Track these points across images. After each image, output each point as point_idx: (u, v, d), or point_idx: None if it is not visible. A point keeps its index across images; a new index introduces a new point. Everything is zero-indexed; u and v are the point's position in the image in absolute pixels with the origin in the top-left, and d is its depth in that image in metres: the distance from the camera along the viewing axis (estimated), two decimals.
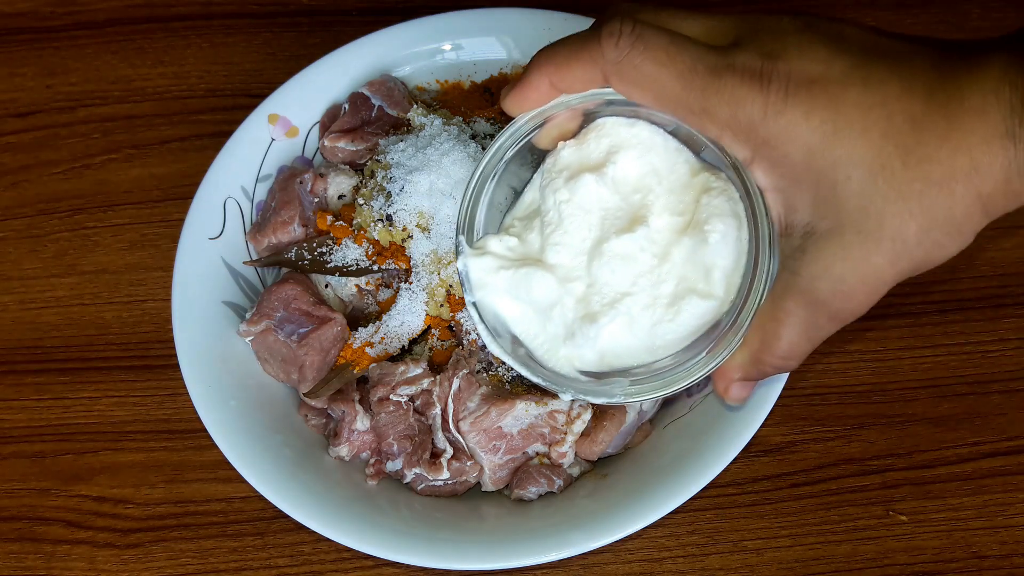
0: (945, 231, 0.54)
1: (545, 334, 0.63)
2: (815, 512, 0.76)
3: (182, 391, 0.74)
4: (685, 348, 0.61)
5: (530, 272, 0.62)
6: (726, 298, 0.60)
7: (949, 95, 0.52)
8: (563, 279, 0.62)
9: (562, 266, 0.62)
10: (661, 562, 0.75)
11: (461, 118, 0.82)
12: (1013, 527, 0.76)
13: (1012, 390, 0.80)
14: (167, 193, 0.89)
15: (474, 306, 0.63)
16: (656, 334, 0.61)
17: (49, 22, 0.97)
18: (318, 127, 0.84)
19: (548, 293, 0.62)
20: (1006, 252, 0.85)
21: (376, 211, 0.76)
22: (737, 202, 0.60)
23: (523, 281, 0.62)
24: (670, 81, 0.56)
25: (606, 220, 0.61)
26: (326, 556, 0.76)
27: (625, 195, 0.62)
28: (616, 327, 0.61)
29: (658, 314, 0.61)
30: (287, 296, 0.76)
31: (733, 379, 0.61)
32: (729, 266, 0.60)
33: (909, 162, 0.53)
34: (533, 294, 0.62)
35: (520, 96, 0.62)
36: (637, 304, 0.61)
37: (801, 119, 0.53)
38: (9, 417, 0.82)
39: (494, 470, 0.73)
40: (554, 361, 0.63)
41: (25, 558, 0.77)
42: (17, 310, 0.86)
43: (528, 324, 0.63)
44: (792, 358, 0.60)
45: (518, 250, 0.63)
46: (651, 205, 0.61)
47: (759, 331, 0.59)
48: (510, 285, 0.62)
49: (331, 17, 0.97)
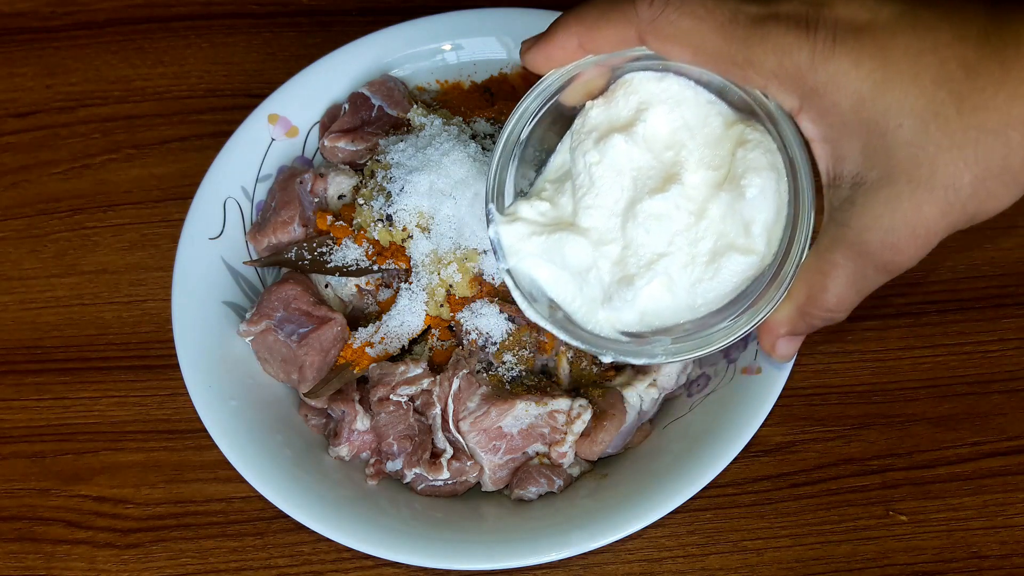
0: (1001, 180, 0.53)
1: (582, 297, 0.62)
2: (815, 512, 0.76)
3: (182, 391, 0.74)
4: (727, 305, 0.60)
5: (563, 237, 0.60)
6: (767, 253, 0.59)
7: (1004, 41, 0.51)
8: (597, 242, 0.60)
9: (595, 229, 0.60)
10: (661, 562, 0.75)
11: (461, 118, 0.82)
12: (1013, 527, 0.76)
13: (1012, 390, 0.80)
14: (167, 193, 0.89)
15: (508, 273, 0.62)
16: (696, 293, 0.59)
17: (49, 22, 0.97)
18: (318, 127, 0.84)
19: (582, 257, 0.60)
20: (1006, 252, 0.85)
21: (376, 211, 0.76)
22: (775, 154, 0.58)
23: (556, 246, 0.61)
24: (710, 34, 0.55)
25: (639, 180, 0.60)
26: (326, 556, 0.76)
27: (657, 153, 0.60)
28: (655, 288, 0.59)
29: (697, 272, 0.59)
30: (287, 296, 0.76)
31: (779, 335, 0.60)
32: (769, 220, 0.58)
33: (963, 109, 0.51)
34: (567, 259, 0.61)
35: (545, 54, 0.60)
36: (675, 264, 0.59)
37: (850, 66, 0.52)
38: (9, 417, 0.82)
39: (494, 470, 0.73)
40: (593, 324, 0.62)
41: (25, 558, 0.77)
42: (17, 310, 0.86)
43: (564, 288, 0.62)
44: (839, 311, 0.58)
45: (550, 215, 0.62)
46: (684, 161, 0.59)
47: (804, 284, 0.57)
48: (543, 251, 0.61)
49: (331, 17, 0.97)
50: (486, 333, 0.73)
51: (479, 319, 0.73)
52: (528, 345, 0.74)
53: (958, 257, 0.85)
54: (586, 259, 0.61)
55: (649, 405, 0.74)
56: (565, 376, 0.75)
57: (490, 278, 0.74)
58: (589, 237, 0.60)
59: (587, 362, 0.75)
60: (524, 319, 0.73)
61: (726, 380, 0.74)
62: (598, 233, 0.61)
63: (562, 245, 0.61)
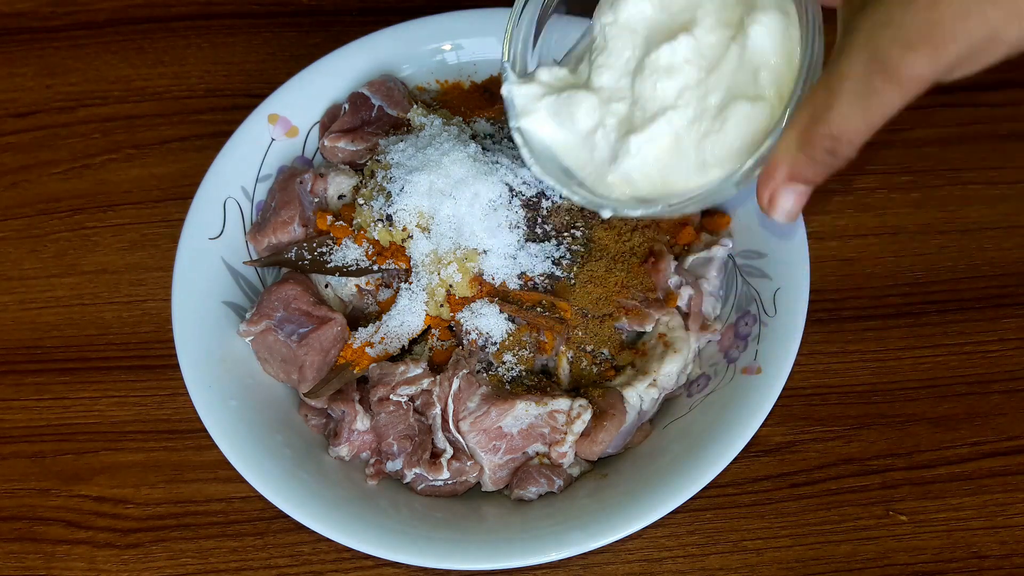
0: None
1: (593, 163, 0.60)
2: (815, 512, 0.76)
3: (182, 391, 0.74)
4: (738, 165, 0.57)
5: (572, 94, 0.59)
6: (777, 103, 0.56)
7: None
8: (606, 100, 0.59)
9: (606, 88, 0.59)
10: (661, 562, 0.75)
11: (461, 118, 0.82)
12: (1013, 527, 0.76)
13: (1012, 390, 0.80)
14: (167, 193, 0.89)
15: (519, 131, 0.61)
16: (704, 149, 0.57)
17: (49, 22, 0.97)
18: (318, 127, 0.84)
19: (590, 115, 0.59)
20: (1006, 252, 0.85)
21: (376, 211, 0.76)
22: (787, 1, 0.57)
23: (565, 104, 0.60)
24: None
25: (651, 39, 0.59)
26: (326, 556, 0.76)
27: (673, 14, 0.59)
28: (661, 144, 0.58)
29: (705, 126, 0.57)
30: (287, 296, 0.76)
31: (779, 181, 0.55)
32: (779, 67, 0.56)
33: None
34: (576, 117, 0.60)
35: None
36: (682, 119, 0.57)
37: None
38: (9, 417, 0.82)
39: (494, 470, 0.73)
40: (603, 188, 0.60)
41: (25, 558, 0.77)
42: (17, 310, 0.86)
43: (576, 153, 0.61)
44: (843, 135, 0.52)
45: (567, 80, 0.61)
46: (699, 20, 0.58)
47: (808, 106, 0.53)
48: (553, 109, 0.60)
49: (331, 17, 0.97)
50: (486, 333, 0.73)
51: (479, 319, 0.73)
52: (528, 345, 0.74)
53: (958, 257, 0.85)
54: (594, 117, 0.59)
55: (649, 405, 0.74)
56: (565, 376, 0.75)
57: (490, 278, 0.74)
58: (599, 95, 0.59)
59: (587, 362, 0.75)
60: (524, 320, 0.73)
61: (726, 380, 0.74)
62: (608, 92, 0.59)
63: (571, 101, 0.59)
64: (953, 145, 0.89)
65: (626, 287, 0.75)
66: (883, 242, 0.86)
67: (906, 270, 0.85)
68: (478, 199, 0.74)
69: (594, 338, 0.75)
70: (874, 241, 0.86)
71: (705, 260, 0.78)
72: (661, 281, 0.76)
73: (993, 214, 0.86)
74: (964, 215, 0.86)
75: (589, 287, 0.75)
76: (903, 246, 0.85)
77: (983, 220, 0.86)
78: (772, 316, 0.74)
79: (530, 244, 0.74)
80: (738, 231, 0.79)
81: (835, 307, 0.83)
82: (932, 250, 0.85)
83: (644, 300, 0.76)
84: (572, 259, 0.75)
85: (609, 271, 0.75)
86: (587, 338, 0.75)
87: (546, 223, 0.75)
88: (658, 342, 0.76)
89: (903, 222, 0.86)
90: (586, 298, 0.75)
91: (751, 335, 0.75)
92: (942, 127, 0.89)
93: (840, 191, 0.87)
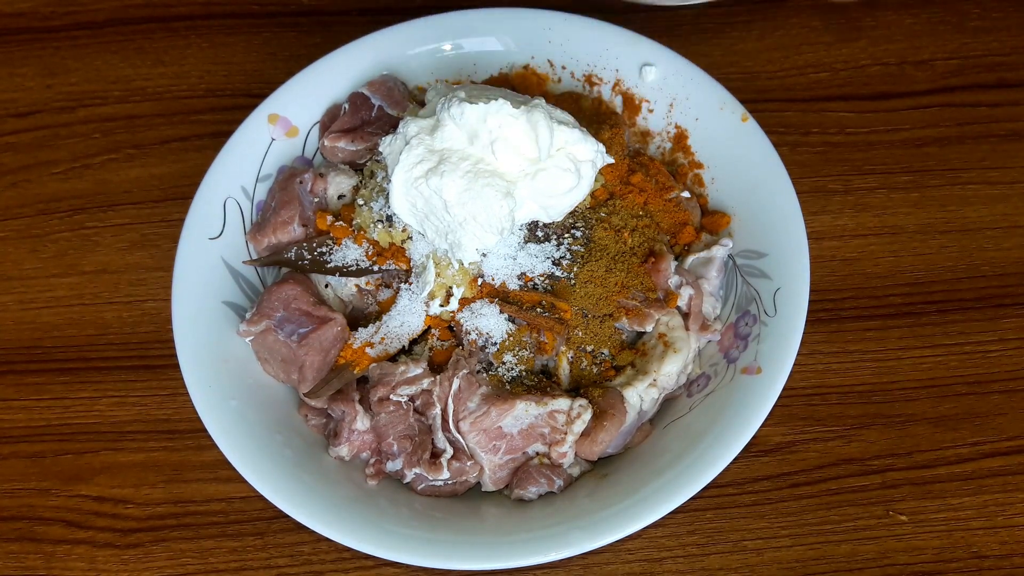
0: None
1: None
2: (815, 512, 0.76)
3: (182, 391, 0.74)
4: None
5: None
6: None
7: None
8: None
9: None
10: (661, 562, 0.75)
11: None
12: (1013, 527, 0.76)
13: (1012, 390, 0.80)
14: (167, 193, 0.89)
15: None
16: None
17: (49, 22, 0.97)
18: (318, 127, 0.84)
19: None
20: (1006, 252, 0.85)
21: (376, 212, 0.76)
22: None
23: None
24: None
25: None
26: (326, 556, 0.76)
27: None
28: None
29: None
30: (287, 296, 0.76)
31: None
32: None
33: None
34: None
35: None
36: None
37: None
38: (9, 417, 0.82)
39: (494, 470, 0.73)
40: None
41: (25, 558, 0.77)
42: (17, 310, 0.86)
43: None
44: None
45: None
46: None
47: None
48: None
49: (331, 17, 0.97)
50: (486, 333, 0.73)
51: (479, 319, 0.73)
52: (528, 345, 0.74)
53: (958, 257, 0.85)
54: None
55: (649, 405, 0.74)
56: (565, 376, 0.75)
57: (490, 279, 0.74)
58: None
59: (587, 362, 0.75)
60: (524, 320, 0.73)
61: (726, 380, 0.74)
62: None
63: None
64: (953, 145, 0.89)
65: (626, 287, 0.75)
66: (883, 242, 0.86)
67: (906, 270, 0.85)
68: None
69: (594, 338, 0.75)
70: (874, 241, 0.86)
71: (705, 260, 0.78)
72: (661, 281, 0.76)
73: (993, 214, 0.86)
74: (964, 215, 0.86)
75: (589, 287, 0.75)
76: (903, 246, 0.85)
77: (983, 220, 0.86)
78: (772, 316, 0.74)
79: (530, 244, 0.74)
80: (738, 231, 0.79)
81: (835, 307, 0.83)
82: (932, 250, 0.85)
83: (644, 300, 0.76)
84: (572, 259, 0.75)
85: (609, 271, 0.75)
86: (587, 338, 0.75)
87: (546, 223, 0.75)
88: (658, 342, 0.76)
89: (903, 222, 0.86)
90: (586, 298, 0.75)
91: (751, 335, 0.75)
92: (942, 127, 0.89)
93: (840, 191, 0.87)
